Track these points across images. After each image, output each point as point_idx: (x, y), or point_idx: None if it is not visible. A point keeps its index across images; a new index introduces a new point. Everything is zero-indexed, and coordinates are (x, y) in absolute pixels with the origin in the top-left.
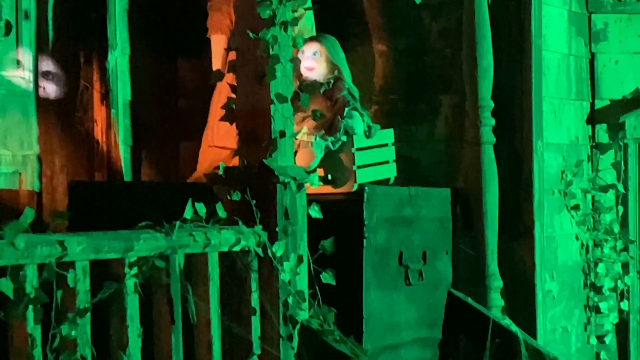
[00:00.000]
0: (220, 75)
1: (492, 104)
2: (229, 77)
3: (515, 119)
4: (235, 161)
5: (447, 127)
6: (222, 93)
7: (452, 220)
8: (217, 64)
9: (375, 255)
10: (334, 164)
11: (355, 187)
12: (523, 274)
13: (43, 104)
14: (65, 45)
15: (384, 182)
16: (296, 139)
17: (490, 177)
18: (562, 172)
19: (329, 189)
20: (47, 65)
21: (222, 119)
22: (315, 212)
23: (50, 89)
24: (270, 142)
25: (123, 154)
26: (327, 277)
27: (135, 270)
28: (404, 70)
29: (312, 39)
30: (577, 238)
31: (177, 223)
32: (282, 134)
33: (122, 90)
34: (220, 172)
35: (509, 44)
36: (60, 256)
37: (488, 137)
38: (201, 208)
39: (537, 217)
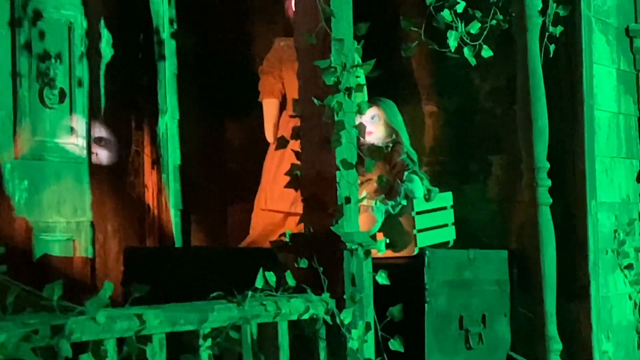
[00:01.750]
0: (284, 142)
1: (547, 165)
2: (292, 144)
3: (567, 178)
4: (295, 227)
5: (498, 187)
6: (275, 156)
7: (509, 282)
8: (269, 127)
9: (436, 319)
10: (394, 228)
11: (416, 250)
12: (580, 335)
13: (96, 170)
14: (116, 111)
15: (443, 245)
16: None
17: (547, 238)
18: (615, 231)
19: (388, 253)
20: (99, 131)
21: (287, 186)
22: (383, 278)
23: (102, 155)
24: (336, 209)
25: (174, 218)
26: (395, 345)
27: (209, 342)
28: (454, 131)
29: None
30: (630, 298)
31: (249, 293)
32: (348, 200)
33: (172, 155)
34: (287, 239)
35: (560, 103)
36: (138, 330)
37: (544, 198)
38: (271, 277)
39: (593, 278)
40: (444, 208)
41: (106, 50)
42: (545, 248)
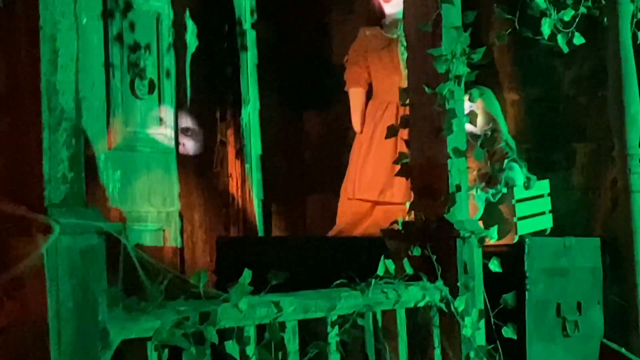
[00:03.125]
0: (394, 131)
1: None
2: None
3: None
4: (383, 215)
5: (583, 176)
6: (363, 145)
7: (602, 270)
8: (356, 116)
9: (535, 307)
10: (494, 216)
11: (516, 239)
12: None
13: (183, 161)
14: (202, 101)
15: (541, 233)
16: None
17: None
18: None
19: (487, 240)
20: (186, 121)
21: (397, 174)
22: (496, 266)
23: (189, 146)
24: (448, 197)
25: (256, 209)
26: (508, 332)
27: (336, 329)
28: (537, 119)
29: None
30: None
31: (373, 280)
32: (459, 188)
33: (255, 145)
34: (399, 227)
35: None
36: (275, 317)
37: (637, 185)
38: (390, 265)
39: None
40: (542, 196)
41: (191, 40)
42: (639, 235)
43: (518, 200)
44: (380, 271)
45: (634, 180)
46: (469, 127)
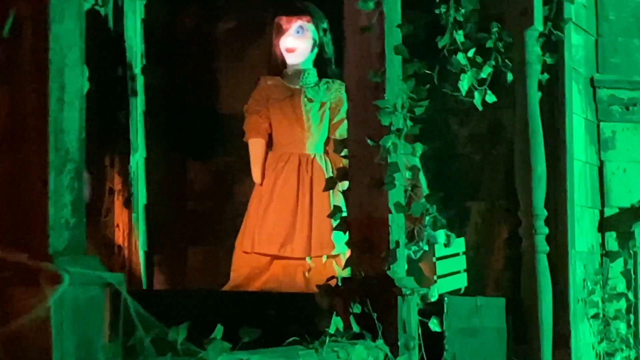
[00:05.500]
0: (332, 183)
1: (545, 213)
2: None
3: (550, 227)
4: (282, 270)
5: (476, 234)
6: (263, 197)
7: (506, 330)
8: (256, 167)
9: None
10: (414, 274)
11: (435, 297)
12: None
13: None
14: (93, 147)
15: (455, 291)
16: None
17: (545, 286)
18: (584, 280)
19: None
20: None
21: (335, 229)
22: (435, 325)
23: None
24: (389, 253)
25: (141, 259)
26: None
27: None
28: (432, 176)
29: None
30: (593, 348)
31: (326, 339)
32: (397, 244)
33: (141, 194)
34: (338, 283)
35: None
36: None
37: (542, 246)
38: (339, 323)
39: (573, 327)
40: (458, 254)
41: (83, 84)
42: (543, 296)
43: (438, 258)
44: (332, 329)
45: (539, 241)
46: None
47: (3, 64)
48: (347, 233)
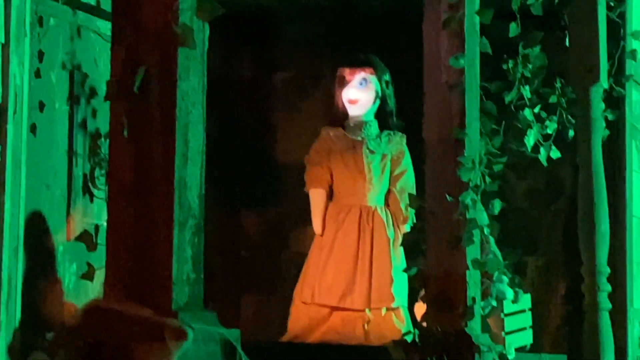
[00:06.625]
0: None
1: (608, 270)
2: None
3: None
4: (341, 322)
5: (533, 290)
6: (324, 247)
7: None
8: (317, 217)
9: None
10: (483, 330)
11: (513, 354)
12: None
13: None
14: None
15: (522, 349)
16: None
17: (607, 344)
18: None
19: None
20: None
21: (410, 284)
22: None
23: None
24: (466, 309)
25: None
26: None
27: None
28: None
29: None
30: None
31: None
32: (474, 300)
33: None
34: (416, 338)
35: None
36: None
37: (605, 303)
38: None
39: None
40: (524, 310)
41: None
42: (606, 355)
43: (506, 314)
44: None
45: (602, 298)
46: None
47: (131, 119)
48: (423, 288)
